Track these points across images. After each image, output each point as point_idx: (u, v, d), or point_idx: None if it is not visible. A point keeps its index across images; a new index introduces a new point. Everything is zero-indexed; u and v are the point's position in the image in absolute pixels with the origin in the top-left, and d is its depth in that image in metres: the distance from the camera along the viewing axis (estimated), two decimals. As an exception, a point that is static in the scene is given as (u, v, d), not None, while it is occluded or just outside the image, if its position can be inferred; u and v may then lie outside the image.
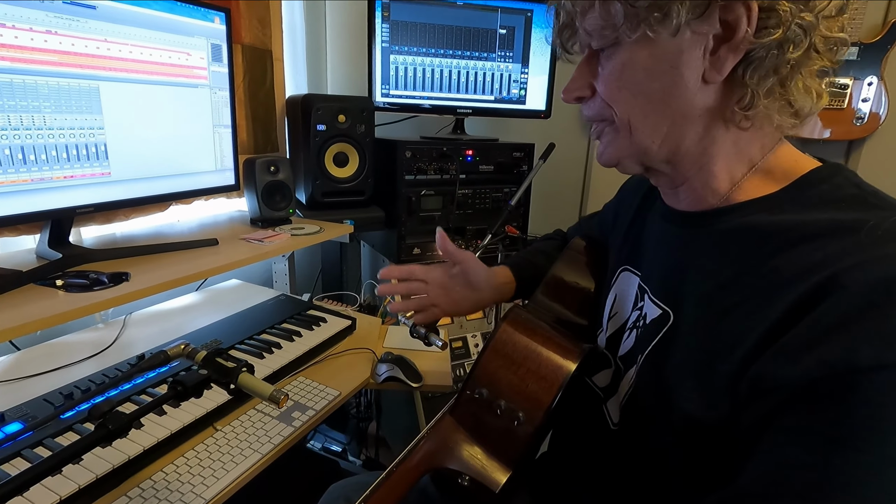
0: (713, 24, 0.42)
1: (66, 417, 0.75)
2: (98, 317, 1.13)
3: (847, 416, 0.36)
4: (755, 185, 0.49)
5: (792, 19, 0.41)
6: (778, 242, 0.44)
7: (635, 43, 0.45)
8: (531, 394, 0.58)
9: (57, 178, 0.84)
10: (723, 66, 0.44)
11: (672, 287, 0.54)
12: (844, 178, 0.46)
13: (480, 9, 1.48)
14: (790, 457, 0.37)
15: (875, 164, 1.65)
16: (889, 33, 1.52)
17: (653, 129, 0.49)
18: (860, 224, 0.40)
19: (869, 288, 0.37)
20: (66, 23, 0.81)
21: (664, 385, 0.50)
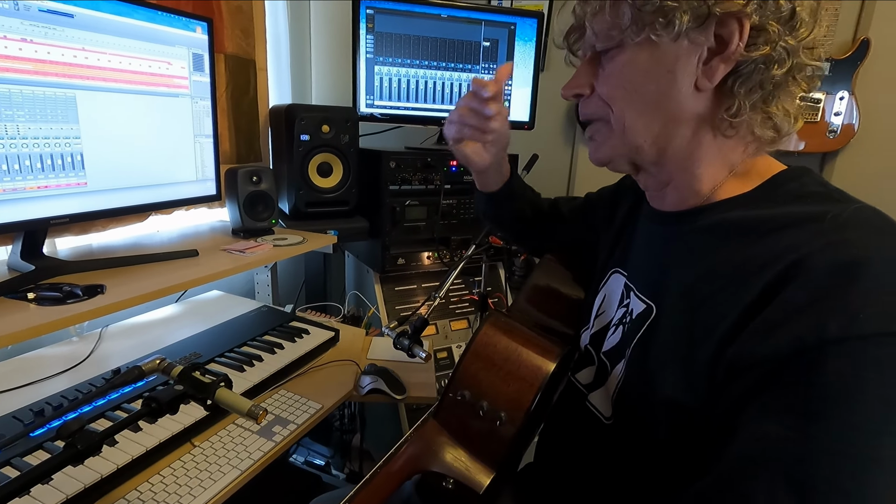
0: (708, 36, 0.47)
1: (37, 435, 0.72)
2: (73, 330, 1.10)
3: (818, 387, 0.38)
4: (733, 186, 0.53)
5: (778, 40, 0.45)
6: (752, 234, 0.47)
7: (637, 45, 0.49)
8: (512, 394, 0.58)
9: (30, 189, 0.82)
10: (714, 76, 0.48)
11: (655, 282, 0.57)
12: (810, 178, 0.51)
13: (464, 21, 1.50)
14: (769, 431, 0.39)
15: (849, 174, 1.69)
16: (858, 50, 1.57)
17: (645, 129, 0.52)
18: (823, 214, 0.44)
19: (832, 269, 0.40)
20: (43, 31, 0.79)
21: (649, 374, 0.52)
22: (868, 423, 0.37)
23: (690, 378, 0.48)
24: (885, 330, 0.38)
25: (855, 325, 0.38)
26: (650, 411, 0.52)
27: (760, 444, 0.39)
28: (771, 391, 0.40)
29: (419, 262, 1.52)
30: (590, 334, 0.67)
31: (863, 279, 0.39)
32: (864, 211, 0.44)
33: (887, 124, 1.62)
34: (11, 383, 0.89)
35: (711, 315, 0.47)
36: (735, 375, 0.43)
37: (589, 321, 0.69)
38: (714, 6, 0.45)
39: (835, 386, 0.38)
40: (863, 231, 0.42)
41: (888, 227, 0.43)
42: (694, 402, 0.47)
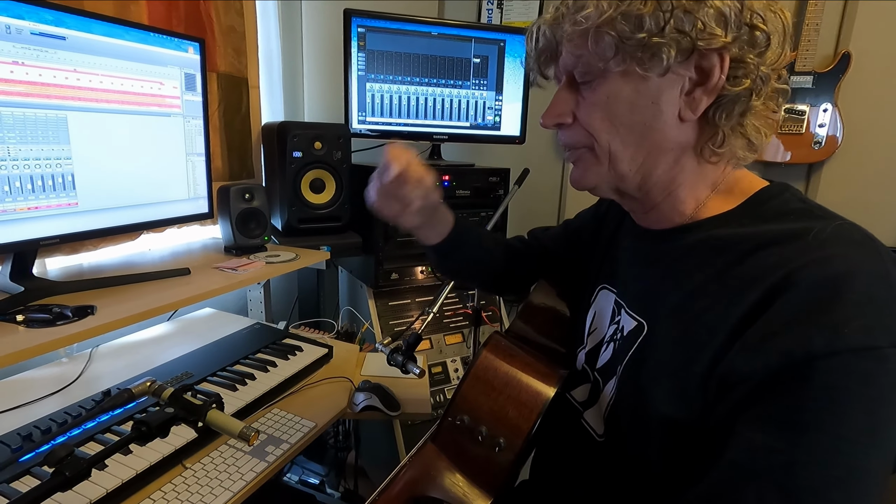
0: (690, 67, 0.48)
1: (25, 460, 0.71)
2: (62, 351, 1.09)
3: (806, 399, 0.39)
4: (717, 204, 0.54)
5: (756, 71, 0.47)
6: (738, 251, 0.48)
7: (620, 76, 0.49)
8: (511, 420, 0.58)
9: (21, 210, 0.82)
10: (698, 107, 0.49)
11: (646, 300, 0.57)
12: (791, 194, 0.52)
13: (455, 38, 1.52)
14: (758, 442, 0.40)
15: (834, 184, 1.72)
16: (840, 63, 1.61)
17: (631, 158, 0.53)
18: (807, 231, 0.45)
19: (816, 284, 0.41)
20: (35, 53, 0.80)
21: (642, 391, 0.53)
22: (854, 434, 0.38)
23: (684, 393, 0.48)
24: (868, 344, 0.39)
25: (840, 340, 0.39)
26: (642, 428, 0.52)
27: (751, 455, 0.40)
28: (762, 403, 0.41)
29: (413, 277, 1.52)
30: (585, 353, 0.68)
31: (847, 293, 0.40)
32: (845, 227, 0.46)
33: (870, 135, 1.65)
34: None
35: (703, 331, 0.48)
36: (727, 389, 0.44)
37: (583, 340, 0.69)
38: (698, 41, 0.46)
39: (822, 398, 0.39)
40: (844, 247, 0.43)
41: (868, 242, 0.44)
42: (687, 417, 0.48)
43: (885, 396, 0.39)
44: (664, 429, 0.50)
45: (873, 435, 0.38)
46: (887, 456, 0.39)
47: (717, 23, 0.45)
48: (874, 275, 0.41)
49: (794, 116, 1.67)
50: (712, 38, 0.46)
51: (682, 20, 0.45)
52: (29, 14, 0.78)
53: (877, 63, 1.60)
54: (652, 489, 0.53)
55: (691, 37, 0.46)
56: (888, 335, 0.39)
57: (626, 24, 0.46)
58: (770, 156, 1.72)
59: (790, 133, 1.68)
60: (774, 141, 1.71)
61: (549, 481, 0.70)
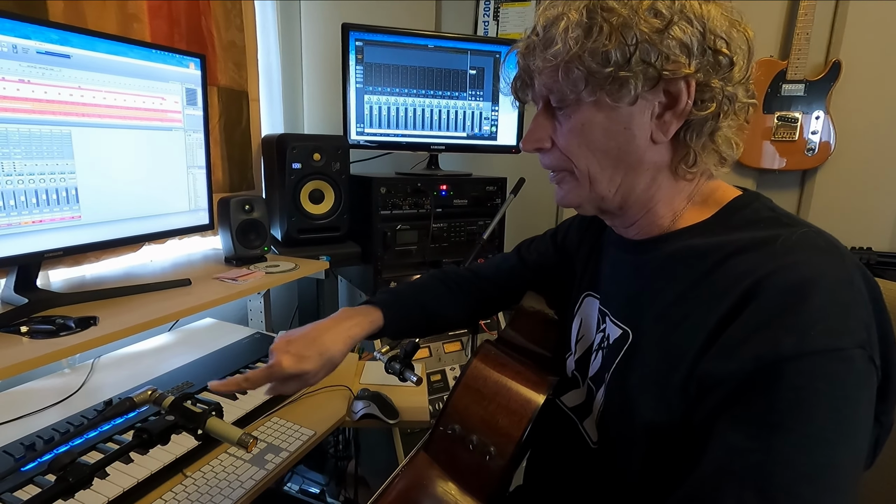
0: (658, 93, 0.50)
1: (28, 469, 0.72)
2: (65, 361, 1.10)
3: (777, 401, 0.41)
4: (692, 214, 0.56)
5: (722, 93, 0.49)
6: (712, 260, 0.50)
7: (593, 105, 0.51)
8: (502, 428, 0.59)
9: (25, 224, 0.83)
10: (668, 129, 0.51)
11: (629, 308, 0.59)
12: (761, 203, 0.54)
13: (451, 51, 1.55)
14: (735, 442, 0.42)
15: (828, 190, 1.74)
16: (830, 71, 1.63)
17: (609, 180, 0.55)
18: (774, 239, 0.48)
19: (785, 289, 0.43)
20: (40, 72, 0.82)
21: (629, 399, 0.54)
22: (822, 432, 0.40)
23: (667, 399, 0.50)
24: (832, 346, 0.41)
25: (807, 342, 0.41)
26: (630, 435, 0.54)
27: (728, 456, 0.42)
28: (737, 405, 0.43)
29: (411, 286, 1.53)
30: (574, 360, 0.69)
31: (812, 298, 0.42)
32: (810, 235, 0.48)
33: (862, 141, 1.67)
34: (2, 417, 0.88)
35: (683, 339, 0.49)
36: (705, 392, 0.45)
37: (570, 347, 0.70)
38: (663, 71, 0.48)
39: (791, 399, 0.40)
40: (810, 253, 0.46)
41: (832, 249, 0.46)
42: (671, 423, 0.49)
43: (851, 395, 0.41)
44: (651, 436, 0.51)
45: (841, 432, 0.40)
46: (857, 452, 0.41)
47: (680, 51, 0.47)
48: (838, 279, 0.43)
49: (788, 124, 1.69)
50: (677, 66, 0.48)
51: (647, 51, 0.47)
52: (35, 34, 0.81)
53: (867, 71, 1.63)
54: (641, 496, 0.54)
55: (656, 67, 0.48)
56: (852, 337, 0.41)
57: (593, 59, 0.48)
58: (766, 163, 1.74)
59: (784, 140, 1.70)
60: (770, 148, 1.73)
61: (545, 487, 0.71)
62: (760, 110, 1.71)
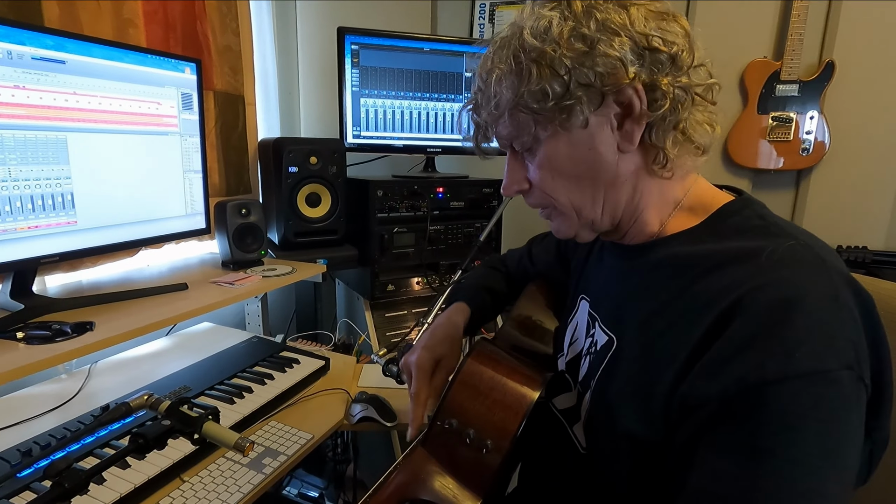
0: (611, 106, 0.50)
1: (24, 476, 0.72)
2: (61, 367, 1.10)
3: (761, 425, 0.40)
4: (681, 221, 0.56)
5: (673, 88, 0.49)
6: (697, 270, 0.49)
7: (552, 138, 0.52)
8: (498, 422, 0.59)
9: (21, 229, 0.83)
10: (632, 137, 0.51)
11: (615, 315, 0.59)
12: (752, 210, 0.53)
13: (447, 54, 1.55)
14: (720, 468, 0.41)
15: (824, 189, 1.74)
16: (824, 71, 1.65)
17: (593, 203, 0.55)
18: (761, 251, 0.46)
19: (768, 308, 0.42)
20: (35, 77, 0.82)
21: (611, 407, 0.54)
22: (809, 457, 0.39)
23: (648, 414, 0.49)
24: (818, 368, 0.40)
25: (791, 365, 0.40)
26: (613, 443, 0.53)
27: (713, 481, 0.41)
28: (720, 429, 0.42)
29: (409, 288, 1.53)
30: (565, 361, 0.69)
31: (797, 318, 0.41)
32: (797, 248, 0.46)
33: (856, 140, 1.68)
34: (-1, 423, 0.88)
35: (665, 352, 0.49)
36: (688, 413, 0.45)
37: (563, 348, 0.71)
38: (605, 87, 0.48)
39: (776, 424, 0.39)
40: (796, 268, 0.44)
41: (819, 263, 0.45)
42: (653, 437, 0.49)
43: (839, 418, 0.40)
44: (632, 446, 0.51)
45: (828, 457, 0.39)
46: (844, 475, 0.40)
47: (614, 65, 0.48)
48: (824, 297, 0.42)
49: (782, 124, 1.70)
50: (616, 78, 0.48)
51: (582, 75, 0.48)
52: (30, 40, 0.81)
53: (860, 70, 1.64)
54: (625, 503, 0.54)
55: (596, 86, 0.48)
56: (838, 358, 0.40)
57: (533, 99, 0.50)
58: (762, 163, 1.75)
59: (779, 140, 1.71)
60: (766, 148, 1.74)
61: (539, 491, 0.71)
62: (755, 111, 1.72)
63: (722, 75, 1.85)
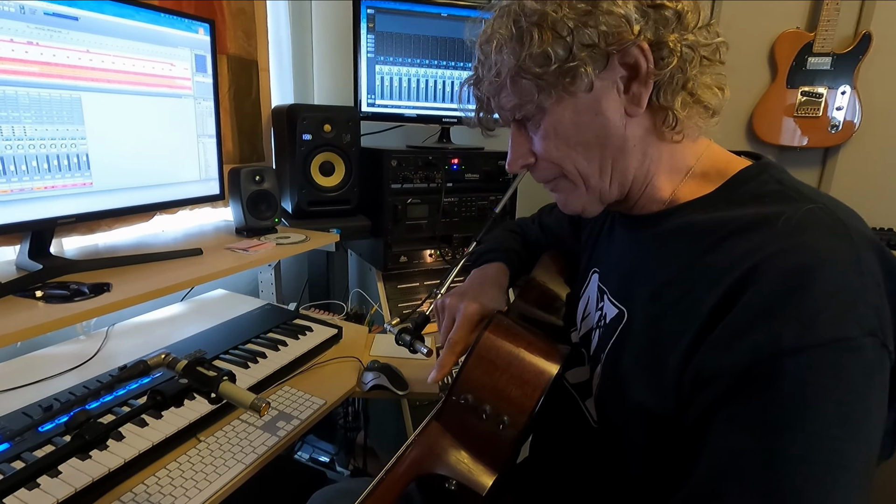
0: (616, 69, 0.48)
1: (45, 430, 0.74)
2: (79, 328, 1.12)
3: (778, 398, 0.38)
4: (694, 188, 0.53)
5: (680, 45, 0.47)
6: (711, 239, 0.47)
7: (556, 104, 0.50)
8: (515, 398, 0.59)
9: (38, 189, 0.83)
10: (640, 100, 0.49)
11: (625, 286, 0.58)
12: (769, 175, 0.50)
13: (465, 20, 1.50)
14: (736, 443, 0.40)
15: (850, 170, 1.69)
16: (860, 44, 1.57)
17: (601, 172, 0.53)
18: (778, 216, 0.44)
19: (785, 275, 0.40)
20: (48, 34, 0.81)
21: (622, 381, 0.53)
22: (829, 429, 0.37)
23: (660, 387, 0.48)
24: (838, 336, 0.38)
25: (809, 333, 0.38)
26: (626, 416, 0.53)
27: (729, 456, 0.40)
28: (735, 403, 0.40)
29: (421, 260, 1.53)
30: (578, 336, 0.68)
31: (815, 285, 0.39)
32: (816, 212, 0.44)
33: (889, 118, 1.62)
34: (20, 381, 0.90)
35: (677, 323, 0.47)
36: (701, 385, 0.43)
37: (576, 323, 0.69)
38: (609, 47, 0.46)
39: (794, 395, 0.38)
40: (813, 233, 0.42)
41: (839, 227, 0.43)
42: (665, 411, 0.48)
43: (861, 388, 0.38)
44: (644, 419, 0.50)
45: (849, 428, 0.37)
46: (868, 446, 0.39)
47: (618, 23, 0.46)
48: (844, 262, 0.40)
49: (812, 99, 1.64)
50: (620, 38, 0.46)
51: (585, 36, 0.46)
52: (42, -6, 0.79)
53: (899, 44, 1.56)
54: (640, 479, 0.53)
55: (601, 46, 0.46)
56: (860, 324, 0.38)
57: (535, 63, 0.48)
58: (785, 139, 1.69)
59: (807, 116, 1.65)
60: (791, 124, 1.68)
61: (550, 463, 0.71)
62: (784, 84, 1.66)
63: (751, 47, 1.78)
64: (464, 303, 0.69)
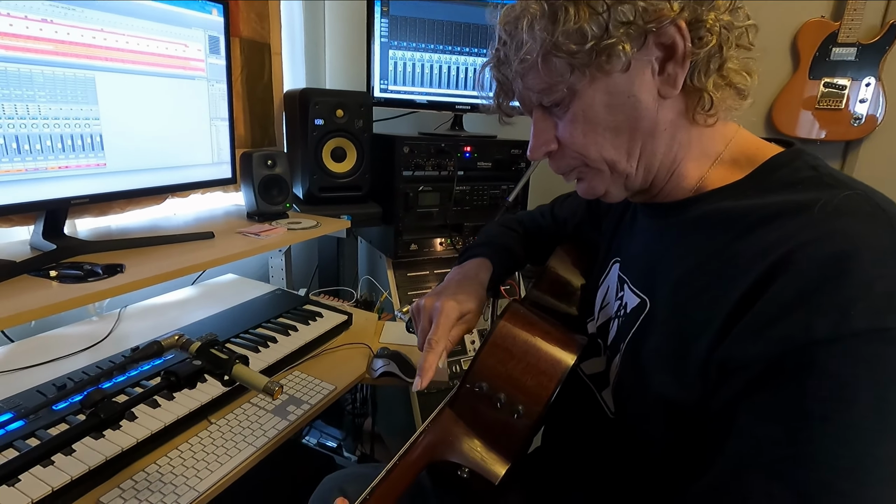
0: (651, 49, 0.46)
1: (59, 409, 0.74)
2: (92, 309, 1.13)
3: (810, 388, 0.37)
4: (723, 175, 0.52)
5: (718, 23, 0.45)
6: (740, 226, 0.46)
7: (588, 85, 0.48)
8: (531, 388, 0.58)
9: (51, 169, 0.83)
10: (675, 81, 0.47)
11: (648, 275, 0.56)
12: (803, 161, 0.48)
13: (479, 4, 1.48)
14: (764, 433, 0.39)
15: (872, 164, 1.65)
16: (888, 34, 1.52)
17: (629, 157, 0.51)
18: (813, 203, 0.42)
19: (821, 263, 0.38)
20: (63, 12, 0.80)
21: (643, 371, 0.52)
22: (863, 422, 0.36)
23: (684, 377, 0.47)
24: (876, 326, 0.36)
25: (845, 323, 0.36)
26: (646, 407, 0.51)
27: (756, 447, 0.39)
28: (764, 392, 0.39)
29: (432, 248, 1.52)
30: (595, 325, 0.67)
31: (853, 273, 0.37)
32: (854, 198, 0.42)
33: (915, 112, 1.58)
34: (34, 360, 0.91)
35: (702, 311, 0.46)
36: (727, 375, 0.42)
37: (593, 313, 0.68)
38: (648, 24, 0.44)
39: (828, 386, 0.37)
40: (852, 220, 0.40)
41: (879, 214, 0.41)
42: (688, 401, 0.46)
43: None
44: (665, 410, 0.49)
45: (883, 421, 0.36)
46: None
47: None
48: (883, 250, 0.38)
49: (834, 91, 1.60)
50: (659, 15, 0.44)
51: (622, 12, 0.44)
52: (56, -29, 0.78)
53: (928, 34, 1.51)
54: (660, 467, 0.52)
55: (638, 24, 0.44)
56: None
57: (570, 41, 0.45)
58: (808, 132, 1.65)
59: (828, 109, 1.61)
60: (808, 117, 1.64)
61: (565, 453, 0.71)
62: (807, 75, 1.62)
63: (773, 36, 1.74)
64: (439, 301, 0.67)
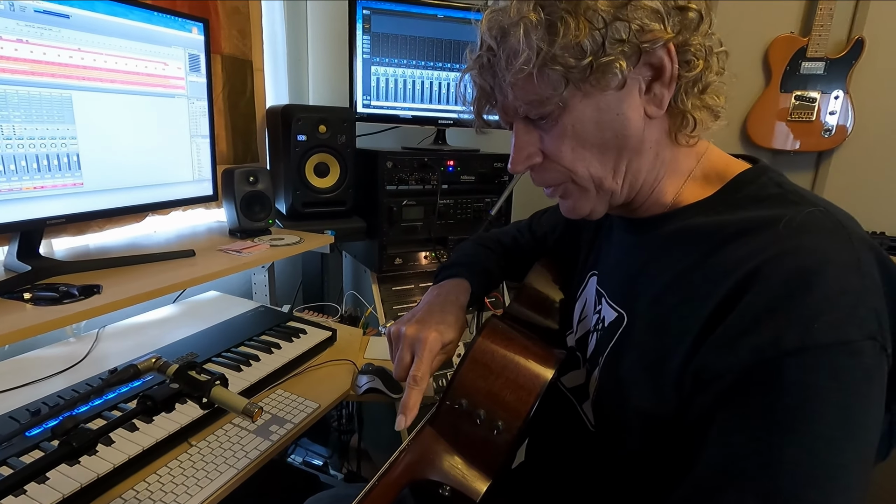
0: (641, 68, 0.47)
1: (33, 435, 0.72)
2: (70, 330, 1.10)
3: (779, 399, 0.38)
4: (695, 191, 0.53)
5: (703, 48, 0.47)
6: (712, 241, 0.47)
7: (580, 101, 0.48)
8: (510, 403, 0.58)
9: (27, 189, 0.82)
10: (661, 102, 0.49)
11: (625, 290, 0.57)
12: (769, 178, 0.51)
13: (461, 21, 1.50)
14: (735, 443, 0.40)
15: (844, 173, 1.70)
16: (853, 49, 1.58)
17: (614, 173, 0.52)
18: (778, 219, 0.44)
19: (787, 277, 0.40)
20: (39, 31, 0.80)
21: (621, 384, 0.52)
22: (829, 431, 0.37)
23: (661, 390, 0.48)
24: (839, 339, 0.38)
25: (810, 336, 0.38)
26: (624, 420, 0.52)
27: (728, 457, 0.40)
28: (735, 403, 0.40)
29: (416, 262, 1.52)
30: (574, 338, 0.68)
31: (817, 287, 0.39)
32: (817, 215, 0.44)
33: (882, 123, 1.63)
34: (8, 384, 0.89)
35: (678, 325, 0.47)
36: (701, 387, 0.43)
37: (572, 326, 0.69)
38: (641, 44, 0.45)
39: (794, 397, 0.38)
40: (815, 236, 0.42)
41: (840, 230, 0.43)
42: (665, 413, 0.47)
43: (860, 390, 0.38)
44: (644, 422, 0.50)
45: (848, 430, 0.38)
46: (866, 449, 0.39)
47: (651, 20, 0.45)
48: (845, 265, 0.40)
49: (805, 104, 1.65)
50: (653, 35, 0.45)
51: (619, 29, 0.45)
52: (32, -9, 0.78)
53: (891, 49, 1.57)
54: (639, 482, 0.53)
55: (633, 43, 0.45)
56: (861, 328, 0.38)
57: (568, 54, 0.45)
58: (778, 143, 1.70)
59: (800, 121, 1.66)
60: (783, 128, 1.69)
61: (547, 467, 0.71)
62: (778, 89, 1.67)
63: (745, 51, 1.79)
64: (423, 333, 0.63)
